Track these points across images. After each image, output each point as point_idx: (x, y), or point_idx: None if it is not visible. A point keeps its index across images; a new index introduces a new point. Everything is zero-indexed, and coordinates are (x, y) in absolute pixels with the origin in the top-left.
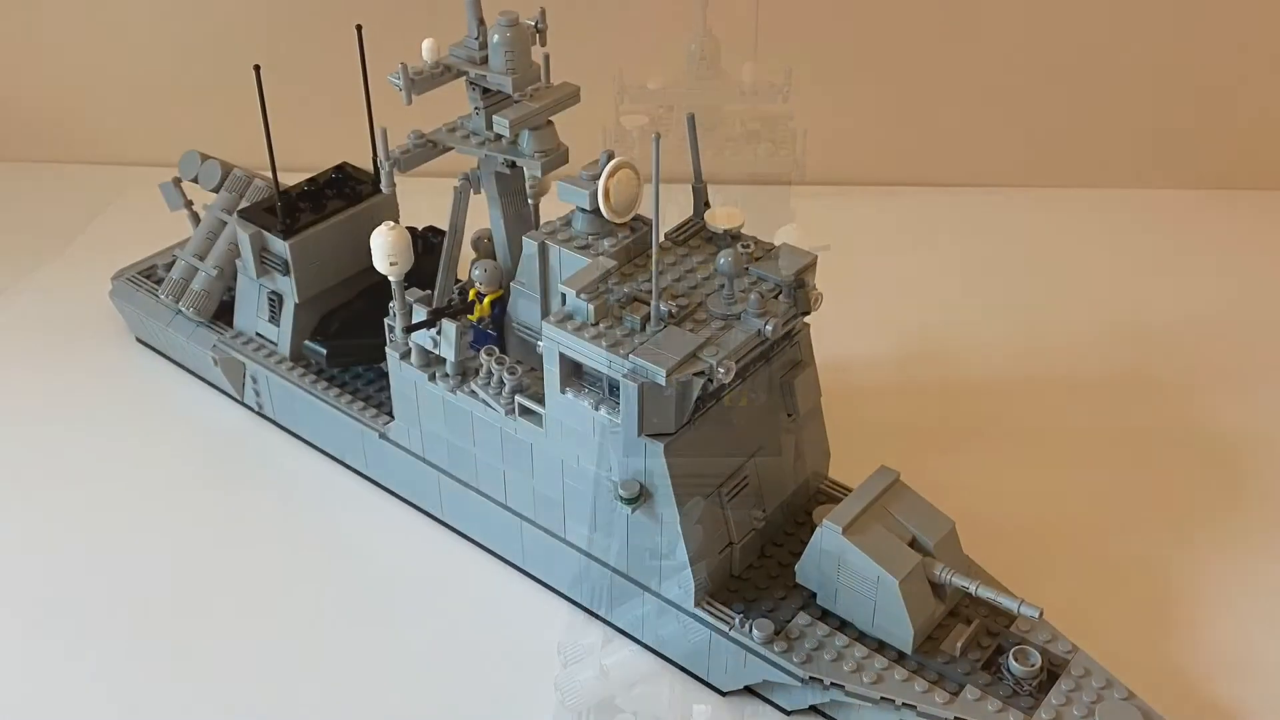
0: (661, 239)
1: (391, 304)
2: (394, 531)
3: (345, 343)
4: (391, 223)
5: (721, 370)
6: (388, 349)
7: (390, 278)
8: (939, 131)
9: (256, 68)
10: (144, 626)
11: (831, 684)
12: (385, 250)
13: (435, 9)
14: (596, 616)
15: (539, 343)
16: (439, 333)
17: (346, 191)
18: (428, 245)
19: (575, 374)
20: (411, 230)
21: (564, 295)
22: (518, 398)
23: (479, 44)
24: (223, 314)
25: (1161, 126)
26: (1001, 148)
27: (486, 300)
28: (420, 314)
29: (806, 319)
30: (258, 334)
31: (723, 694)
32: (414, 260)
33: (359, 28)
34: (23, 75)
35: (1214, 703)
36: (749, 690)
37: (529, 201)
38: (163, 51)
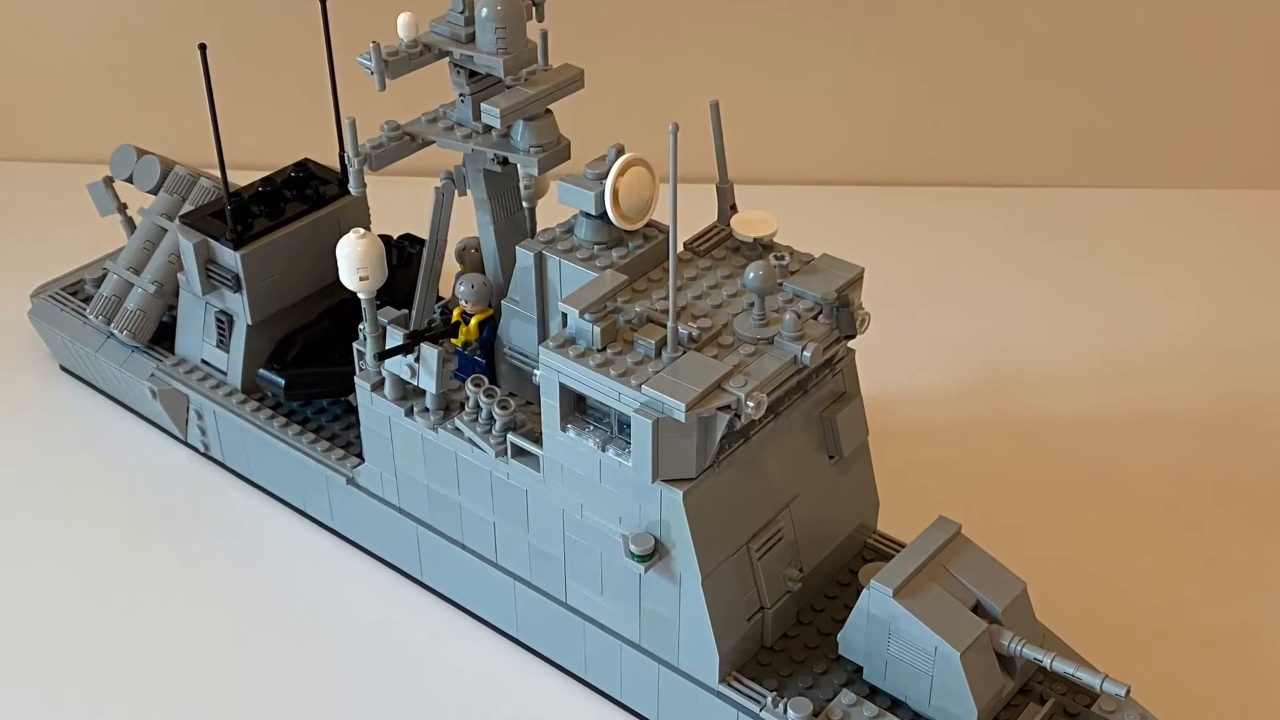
0: (680, 249)
1: (361, 326)
2: (365, 593)
3: (307, 372)
4: (361, 230)
5: (751, 404)
6: (357, 379)
7: (360, 295)
8: (997, 125)
9: (202, 47)
10: (68, 704)
11: None
12: (354, 262)
13: None
14: (604, 695)
15: (535, 371)
16: (418, 359)
17: (308, 193)
18: (404, 256)
19: (578, 408)
20: (385, 239)
21: (565, 315)
22: (510, 436)
23: (464, 19)
24: (162, 337)
25: (1257, 121)
26: (1071, 142)
27: (473, 321)
28: (395, 337)
29: (851, 344)
30: (203, 361)
31: None
32: (388, 274)
33: (323, 1)
34: None
35: None
36: None
37: (524, 205)
38: (92, 28)
